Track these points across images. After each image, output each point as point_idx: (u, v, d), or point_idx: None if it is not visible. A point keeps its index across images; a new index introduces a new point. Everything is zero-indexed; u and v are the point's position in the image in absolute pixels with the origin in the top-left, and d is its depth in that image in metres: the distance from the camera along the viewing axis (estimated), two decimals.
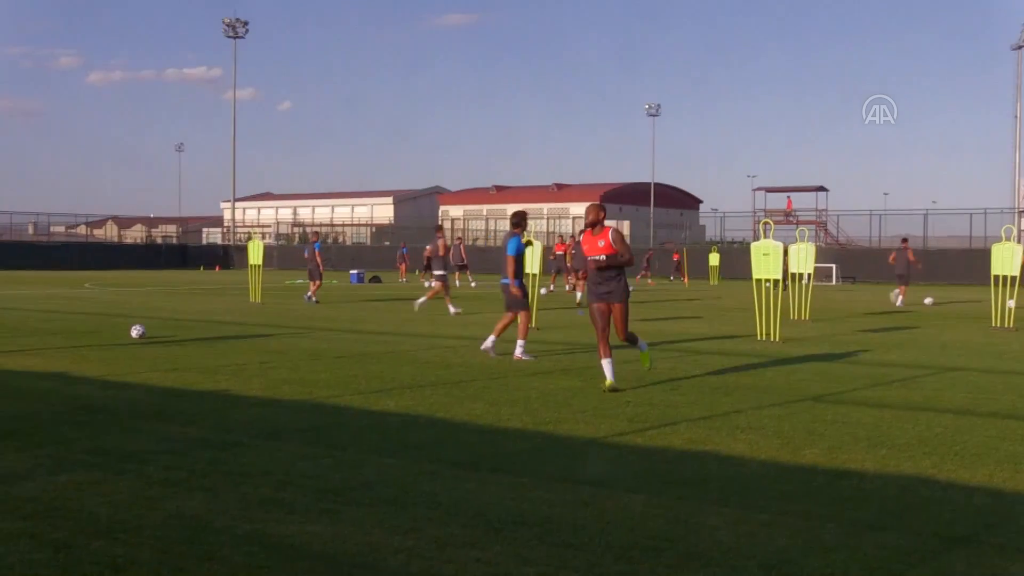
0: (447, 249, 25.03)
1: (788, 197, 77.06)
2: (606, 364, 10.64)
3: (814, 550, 5.15)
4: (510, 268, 14.01)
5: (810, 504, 6.08)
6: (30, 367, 12.34)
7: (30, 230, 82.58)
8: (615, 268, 10.85)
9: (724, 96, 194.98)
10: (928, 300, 25.30)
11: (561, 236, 43.44)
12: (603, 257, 10.77)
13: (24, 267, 58.55)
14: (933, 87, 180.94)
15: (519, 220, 14.53)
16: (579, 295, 26.35)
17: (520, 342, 13.68)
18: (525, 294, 14.05)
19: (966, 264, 50.56)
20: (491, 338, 14.00)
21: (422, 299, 23.10)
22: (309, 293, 27.52)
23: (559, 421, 8.83)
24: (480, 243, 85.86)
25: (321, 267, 28.40)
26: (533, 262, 19.12)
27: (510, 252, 14.10)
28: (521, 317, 13.87)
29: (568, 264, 34.19)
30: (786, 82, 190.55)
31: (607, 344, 10.76)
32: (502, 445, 7.90)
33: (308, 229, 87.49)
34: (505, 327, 14.12)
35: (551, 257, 35.75)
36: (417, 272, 49.32)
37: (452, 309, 22.57)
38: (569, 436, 8.22)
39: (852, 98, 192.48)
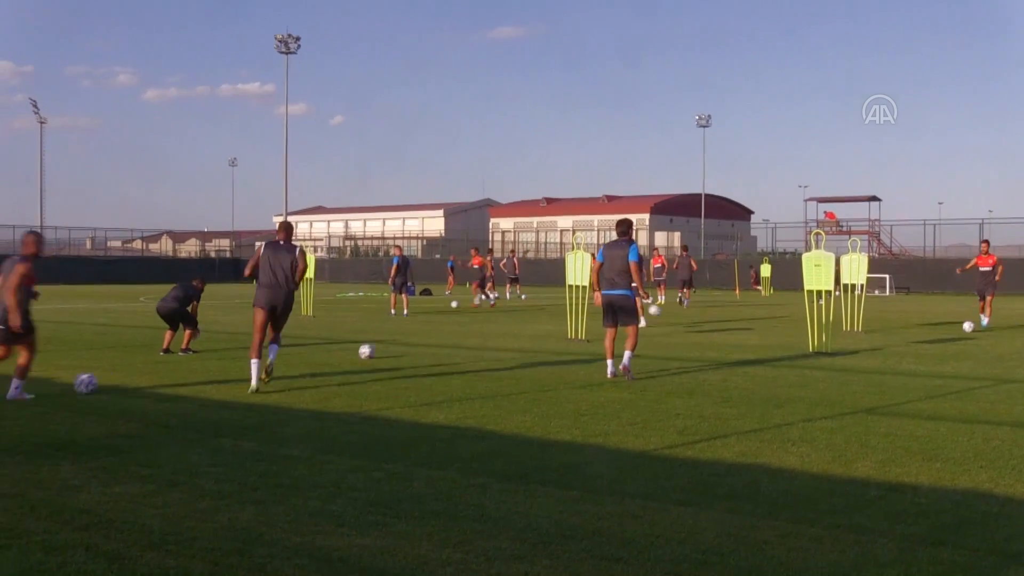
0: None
1: (826, 211, 76.20)
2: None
3: (867, 565, 5.08)
4: (638, 276, 12.72)
5: (863, 518, 5.99)
6: None
7: (88, 245, 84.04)
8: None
9: (775, 106, 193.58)
10: (967, 326, 23.14)
11: (656, 249, 44.17)
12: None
13: (81, 281, 59.58)
14: (987, 95, 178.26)
15: (628, 228, 13.22)
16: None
17: (628, 354, 12.71)
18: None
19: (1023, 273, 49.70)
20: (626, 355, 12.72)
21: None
22: (404, 310, 27.14)
23: (608, 433, 8.80)
24: (531, 255, 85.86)
25: (401, 281, 27.52)
26: (581, 273, 19.11)
27: (634, 258, 12.66)
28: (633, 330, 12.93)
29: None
30: (838, 91, 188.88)
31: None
32: (551, 457, 7.88)
33: (392, 243, 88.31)
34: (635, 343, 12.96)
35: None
36: (467, 284, 49.42)
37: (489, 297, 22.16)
38: (619, 448, 8.19)
39: (904, 107, 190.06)
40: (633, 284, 12.77)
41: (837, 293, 21.13)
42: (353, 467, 7.36)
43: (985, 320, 23.41)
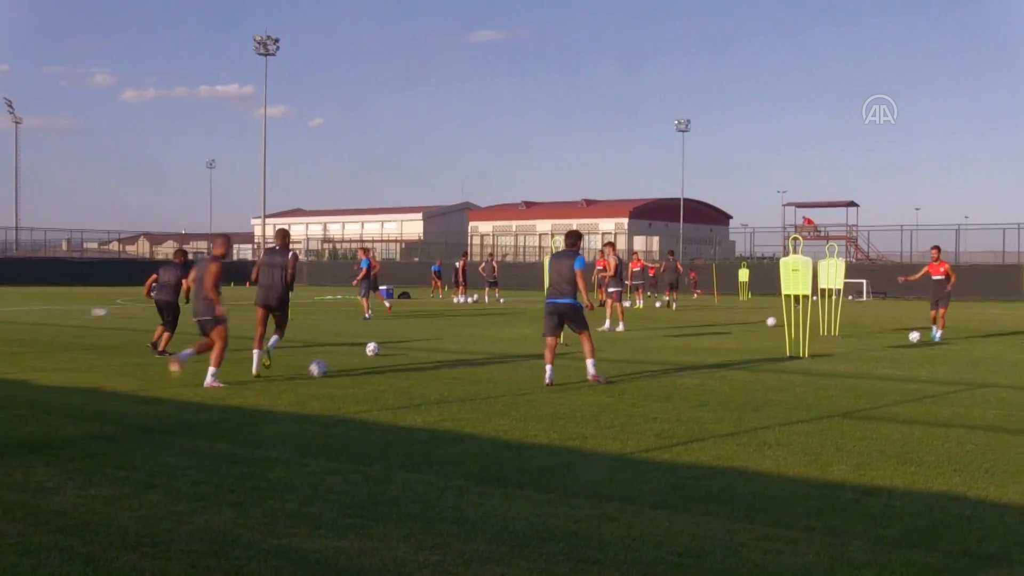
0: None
1: (804, 216, 76.56)
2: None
3: (842, 567, 5.12)
4: (583, 284, 12.69)
5: (838, 521, 6.04)
6: (62, 382, 12.47)
7: (64, 246, 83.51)
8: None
9: (754, 111, 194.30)
10: (914, 336, 21.79)
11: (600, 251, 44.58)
12: None
13: (57, 283, 59.18)
14: (966, 101, 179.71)
15: (576, 239, 13.30)
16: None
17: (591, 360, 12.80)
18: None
19: (999, 279, 50.14)
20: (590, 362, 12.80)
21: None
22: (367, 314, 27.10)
23: (586, 437, 8.83)
24: (509, 259, 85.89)
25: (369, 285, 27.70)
26: None
27: (579, 267, 12.71)
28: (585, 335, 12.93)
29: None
30: (816, 97, 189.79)
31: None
32: (529, 461, 7.90)
33: (357, 246, 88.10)
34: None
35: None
36: (446, 288, 49.41)
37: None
38: (596, 452, 8.21)
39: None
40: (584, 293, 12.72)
41: (815, 298, 21.23)
42: (331, 470, 7.35)
43: (937, 333, 21.42)
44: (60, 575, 4.88)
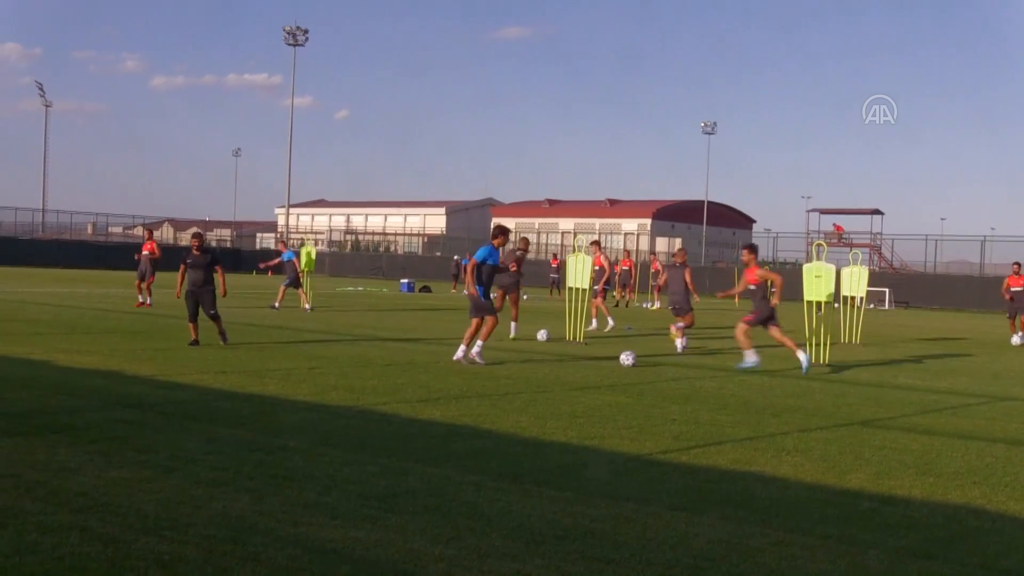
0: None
1: (834, 223, 76.13)
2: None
3: None
4: (470, 275, 14.51)
5: (854, 529, 6.02)
6: (84, 364, 12.56)
7: (89, 230, 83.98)
8: None
9: (781, 115, 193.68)
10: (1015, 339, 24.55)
11: (627, 251, 46.27)
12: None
13: (82, 266, 59.57)
14: (992, 112, 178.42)
15: (498, 233, 15.03)
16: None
17: (480, 343, 14.31)
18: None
19: None
20: (462, 348, 14.34)
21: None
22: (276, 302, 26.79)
23: (604, 436, 8.83)
24: (531, 256, 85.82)
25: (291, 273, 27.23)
26: (582, 276, 19.15)
27: (477, 258, 14.53)
28: (488, 321, 14.41)
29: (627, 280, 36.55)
30: (844, 104, 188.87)
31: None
32: (546, 458, 7.90)
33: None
34: (473, 334, 14.47)
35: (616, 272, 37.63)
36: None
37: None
38: (614, 451, 8.21)
39: (911, 122, 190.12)
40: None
41: (836, 305, 21.15)
42: (348, 460, 7.38)
43: (1017, 338, 24.07)
44: (80, 554, 4.92)
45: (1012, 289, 24.76)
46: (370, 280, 61.30)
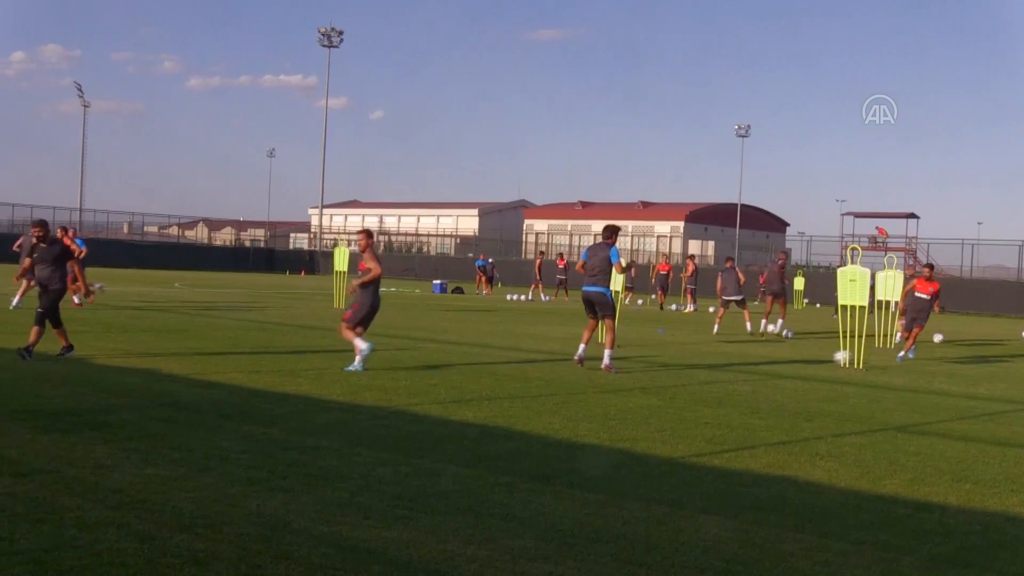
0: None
1: (878, 227, 75.51)
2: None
3: None
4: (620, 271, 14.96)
5: (889, 536, 5.98)
6: (121, 363, 12.69)
7: (125, 229, 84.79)
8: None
9: (815, 119, 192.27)
10: (938, 337, 23.63)
11: (665, 255, 46.76)
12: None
13: (118, 265, 60.09)
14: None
15: (611, 232, 14.83)
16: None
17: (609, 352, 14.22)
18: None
19: None
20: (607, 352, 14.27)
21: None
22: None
23: (636, 439, 8.81)
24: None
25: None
26: (616, 279, 19.10)
27: (615, 259, 14.41)
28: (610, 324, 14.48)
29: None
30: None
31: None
32: (578, 461, 7.91)
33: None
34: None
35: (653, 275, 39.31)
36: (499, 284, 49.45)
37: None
38: (646, 454, 8.19)
39: (946, 125, 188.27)
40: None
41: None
42: (381, 460, 7.41)
43: None
44: (117, 550, 4.98)
45: None
46: (403, 281, 61.45)
